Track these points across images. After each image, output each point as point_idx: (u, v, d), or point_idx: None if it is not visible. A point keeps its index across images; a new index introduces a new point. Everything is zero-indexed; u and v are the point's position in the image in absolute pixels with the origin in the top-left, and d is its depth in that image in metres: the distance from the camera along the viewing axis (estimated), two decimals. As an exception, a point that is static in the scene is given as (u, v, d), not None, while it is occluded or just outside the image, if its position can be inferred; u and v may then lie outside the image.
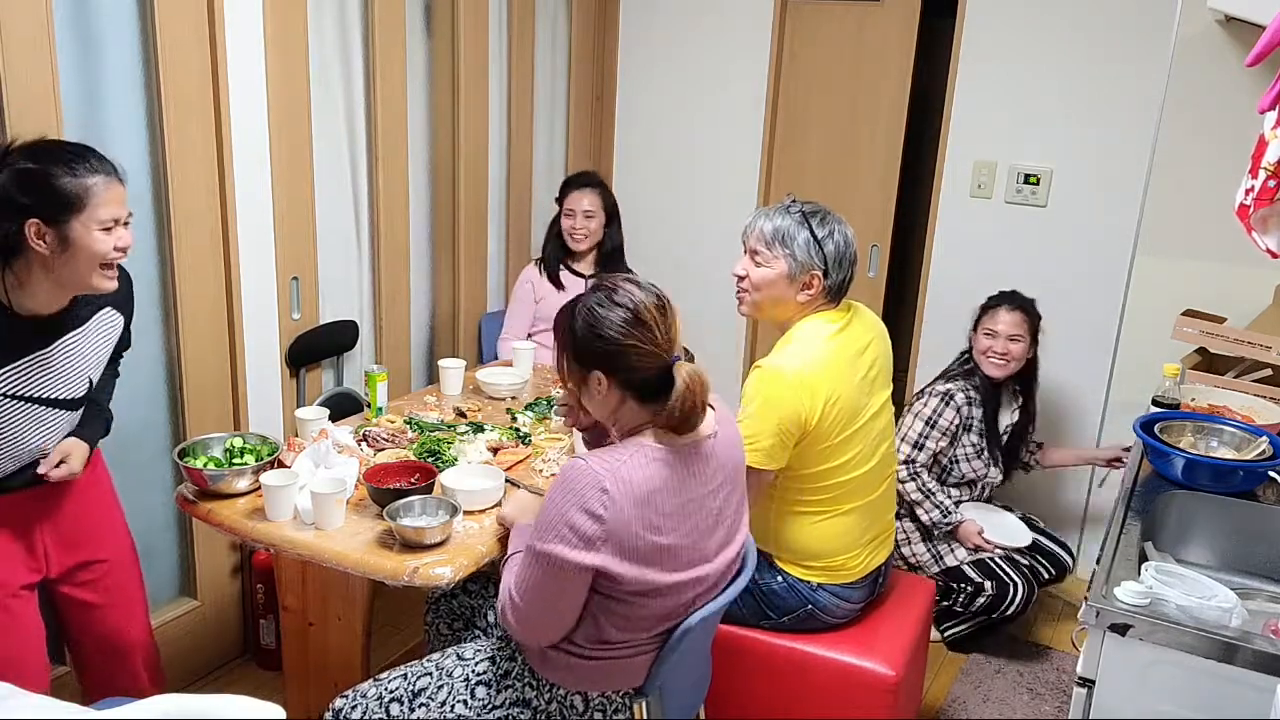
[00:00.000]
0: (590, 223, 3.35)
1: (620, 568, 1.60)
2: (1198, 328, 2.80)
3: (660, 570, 1.65)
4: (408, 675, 1.84)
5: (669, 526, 1.64)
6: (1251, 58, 1.88)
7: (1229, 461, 2.15)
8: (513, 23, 3.48)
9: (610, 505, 1.57)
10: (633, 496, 1.59)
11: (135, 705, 1.23)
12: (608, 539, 1.58)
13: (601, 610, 1.66)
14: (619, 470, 1.59)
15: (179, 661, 2.68)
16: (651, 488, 1.61)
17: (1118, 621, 1.57)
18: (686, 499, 1.66)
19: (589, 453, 1.66)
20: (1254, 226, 2.14)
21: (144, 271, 2.47)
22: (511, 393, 2.78)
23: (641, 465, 1.62)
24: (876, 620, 2.33)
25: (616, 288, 1.68)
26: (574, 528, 1.57)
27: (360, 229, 3.09)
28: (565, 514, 1.58)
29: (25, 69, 2.09)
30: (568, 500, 1.58)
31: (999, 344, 3.03)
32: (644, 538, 1.61)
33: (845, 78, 3.69)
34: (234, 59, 2.51)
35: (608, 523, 1.57)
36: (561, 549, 1.58)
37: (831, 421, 2.10)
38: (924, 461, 3.00)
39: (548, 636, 1.70)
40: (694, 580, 1.71)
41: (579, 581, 1.61)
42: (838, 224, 2.18)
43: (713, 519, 1.72)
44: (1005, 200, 3.47)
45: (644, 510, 1.60)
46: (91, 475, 1.99)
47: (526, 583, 1.64)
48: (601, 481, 1.58)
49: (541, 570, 1.61)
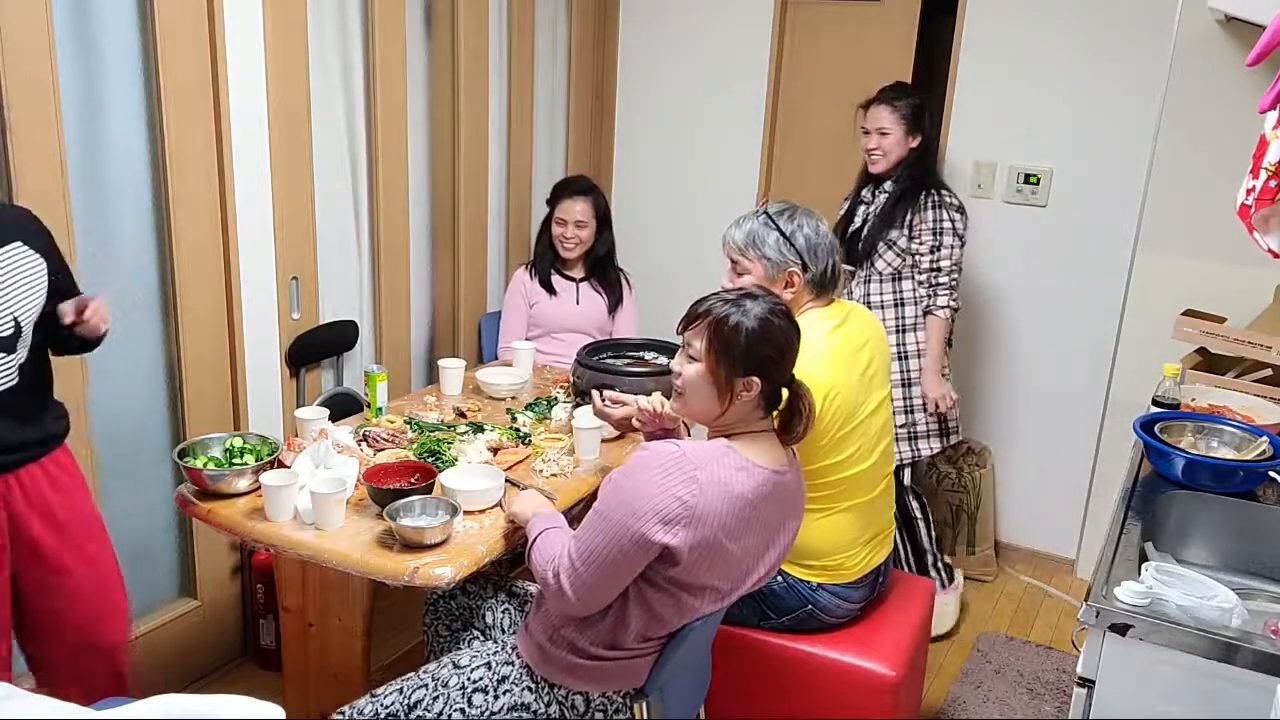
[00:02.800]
0: (582, 231, 3.35)
1: (689, 556, 1.63)
2: (1198, 328, 2.80)
3: (714, 576, 1.69)
4: (404, 690, 1.84)
5: (739, 534, 1.68)
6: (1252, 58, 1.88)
7: (1229, 461, 2.15)
8: (513, 23, 3.48)
9: (699, 494, 1.61)
10: (720, 494, 1.63)
11: (135, 705, 1.24)
12: (690, 524, 1.61)
13: (637, 602, 1.69)
14: (711, 465, 1.64)
15: (179, 661, 2.69)
16: (737, 491, 1.65)
17: (1118, 621, 1.57)
18: (757, 518, 1.70)
19: (683, 440, 1.72)
20: (1255, 226, 2.14)
21: (144, 271, 2.48)
22: (511, 393, 2.78)
23: (732, 468, 1.66)
24: (876, 620, 2.33)
25: (773, 303, 1.76)
26: (660, 505, 1.60)
27: (360, 229, 3.09)
28: (653, 492, 1.61)
29: (25, 69, 2.09)
30: (657, 480, 1.62)
31: (872, 140, 3.07)
32: (717, 537, 1.64)
33: (845, 78, 3.68)
34: (234, 59, 2.51)
35: (694, 509, 1.61)
36: (643, 523, 1.60)
37: (831, 417, 2.10)
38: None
39: (592, 606, 1.71)
40: (729, 591, 1.75)
41: (645, 557, 1.64)
42: (806, 217, 2.20)
43: (766, 547, 1.76)
44: (1005, 200, 3.47)
45: (725, 510, 1.64)
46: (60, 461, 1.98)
47: (595, 550, 1.65)
48: (694, 470, 1.62)
49: (615, 539, 1.63)
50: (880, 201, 3.07)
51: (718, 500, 1.63)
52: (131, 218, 2.42)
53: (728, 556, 1.68)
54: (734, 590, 1.76)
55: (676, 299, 1.76)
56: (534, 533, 1.83)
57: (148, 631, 2.59)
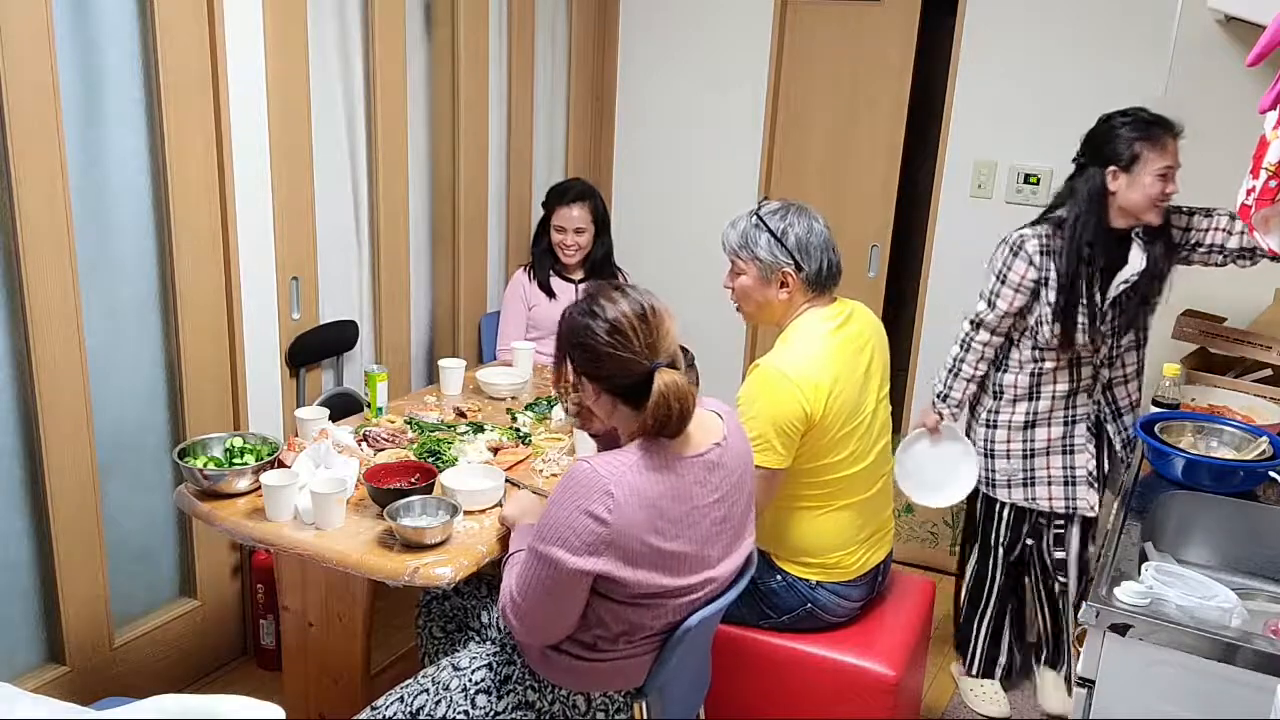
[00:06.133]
0: (581, 238, 3.35)
1: (623, 572, 1.60)
2: (1198, 328, 2.80)
3: (666, 575, 1.65)
4: (404, 698, 1.83)
5: (674, 532, 1.64)
6: (1252, 58, 1.88)
7: (1229, 462, 2.15)
8: (513, 23, 3.48)
9: (615, 509, 1.57)
10: (638, 501, 1.59)
11: (135, 705, 1.24)
12: (611, 543, 1.58)
13: (606, 612, 1.66)
14: (625, 475, 1.59)
15: (179, 661, 2.69)
16: (658, 493, 1.61)
17: (1118, 621, 1.57)
18: (693, 505, 1.66)
19: (594, 455, 1.66)
20: (1255, 226, 2.14)
21: (144, 272, 2.47)
22: (511, 393, 2.78)
23: (648, 470, 1.61)
24: (876, 620, 2.33)
25: (597, 297, 1.69)
26: (577, 531, 1.57)
27: (360, 229, 3.09)
28: (569, 517, 1.58)
29: (25, 67, 2.09)
30: (572, 502, 1.58)
31: (1171, 185, 2.41)
32: (649, 543, 1.60)
33: (845, 78, 3.69)
34: (234, 59, 2.51)
35: (612, 526, 1.57)
36: (562, 553, 1.58)
37: (834, 416, 2.10)
38: (991, 322, 2.57)
39: (548, 636, 1.71)
40: (699, 583, 1.71)
41: (580, 584, 1.61)
42: (797, 216, 2.18)
43: (717, 526, 1.72)
44: (1005, 200, 3.47)
45: (649, 515, 1.60)
46: None
47: (528, 583, 1.64)
48: (606, 485, 1.58)
49: (543, 571, 1.61)
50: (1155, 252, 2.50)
51: (637, 510, 1.58)
52: (131, 218, 2.42)
53: (674, 556, 1.65)
54: (708, 566, 1.71)
55: (676, 299, 1.76)
56: (510, 549, 1.84)
57: (148, 631, 2.60)
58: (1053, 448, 2.60)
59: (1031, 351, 2.56)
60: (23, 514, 2.29)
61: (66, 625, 2.38)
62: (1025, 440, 2.61)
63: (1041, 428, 2.59)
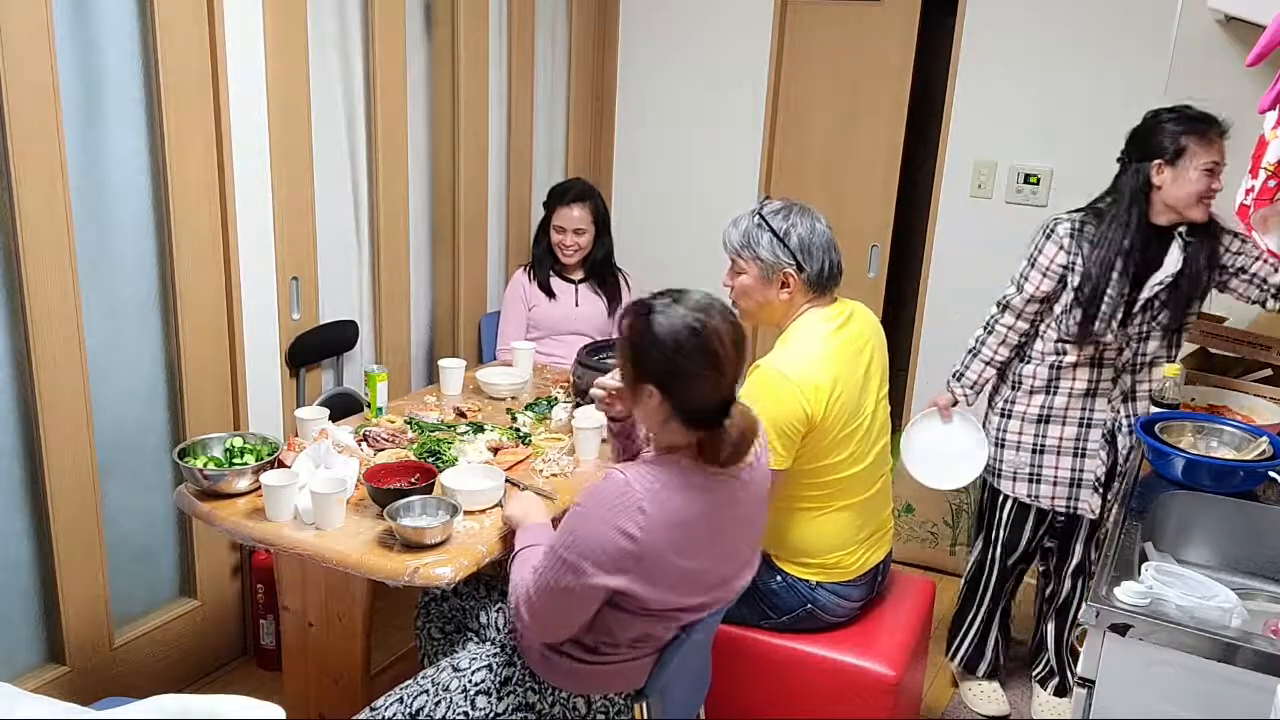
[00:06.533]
0: (581, 238, 3.34)
1: (644, 590, 1.60)
2: (1198, 328, 2.80)
3: (683, 594, 1.65)
4: (404, 699, 1.83)
5: (698, 551, 1.64)
6: (1252, 58, 1.88)
7: (1229, 462, 2.15)
8: (513, 23, 3.48)
9: (647, 527, 1.56)
10: (669, 520, 1.57)
11: (135, 705, 1.24)
12: (639, 561, 1.57)
13: (615, 622, 1.66)
14: (659, 491, 1.57)
15: (179, 661, 2.69)
16: (689, 512, 1.60)
17: (1118, 621, 1.57)
18: (719, 525, 1.66)
19: (627, 465, 1.63)
20: (1254, 226, 2.14)
21: (144, 272, 2.47)
22: (511, 393, 2.78)
23: (683, 489, 1.60)
24: (876, 620, 2.33)
25: (698, 308, 1.59)
26: (605, 547, 1.56)
27: (360, 229, 3.09)
28: (599, 531, 1.56)
29: (25, 67, 2.09)
30: (603, 516, 1.57)
31: (1217, 182, 2.34)
32: (673, 562, 1.60)
33: (845, 78, 3.69)
34: (234, 59, 2.51)
35: (641, 544, 1.56)
36: (589, 566, 1.57)
37: (834, 417, 2.10)
38: (1017, 305, 2.55)
39: (555, 636, 1.71)
40: (712, 601, 1.73)
41: (598, 597, 1.61)
42: (800, 216, 2.17)
43: (740, 543, 1.74)
44: (1005, 200, 3.47)
45: (678, 535, 1.59)
46: None
47: (547, 584, 1.63)
48: (640, 501, 1.56)
49: (566, 579, 1.60)
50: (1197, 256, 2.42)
51: (666, 528, 1.58)
52: (131, 218, 2.42)
53: (693, 574, 1.65)
54: (724, 582, 1.73)
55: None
56: (517, 546, 1.83)
57: (148, 631, 2.60)
58: (1064, 448, 2.59)
59: (1055, 344, 2.54)
60: (23, 514, 2.29)
61: (66, 625, 2.38)
62: (1037, 435, 2.60)
63: (1055, 424, 2.58)
